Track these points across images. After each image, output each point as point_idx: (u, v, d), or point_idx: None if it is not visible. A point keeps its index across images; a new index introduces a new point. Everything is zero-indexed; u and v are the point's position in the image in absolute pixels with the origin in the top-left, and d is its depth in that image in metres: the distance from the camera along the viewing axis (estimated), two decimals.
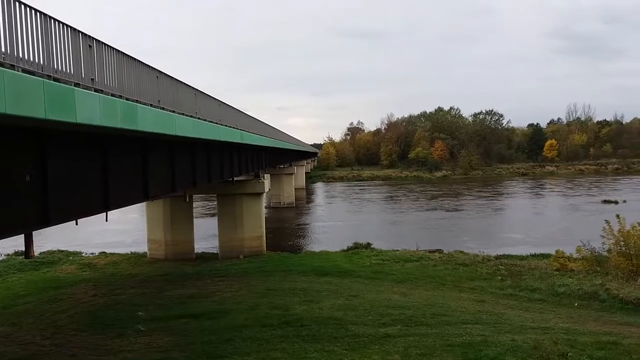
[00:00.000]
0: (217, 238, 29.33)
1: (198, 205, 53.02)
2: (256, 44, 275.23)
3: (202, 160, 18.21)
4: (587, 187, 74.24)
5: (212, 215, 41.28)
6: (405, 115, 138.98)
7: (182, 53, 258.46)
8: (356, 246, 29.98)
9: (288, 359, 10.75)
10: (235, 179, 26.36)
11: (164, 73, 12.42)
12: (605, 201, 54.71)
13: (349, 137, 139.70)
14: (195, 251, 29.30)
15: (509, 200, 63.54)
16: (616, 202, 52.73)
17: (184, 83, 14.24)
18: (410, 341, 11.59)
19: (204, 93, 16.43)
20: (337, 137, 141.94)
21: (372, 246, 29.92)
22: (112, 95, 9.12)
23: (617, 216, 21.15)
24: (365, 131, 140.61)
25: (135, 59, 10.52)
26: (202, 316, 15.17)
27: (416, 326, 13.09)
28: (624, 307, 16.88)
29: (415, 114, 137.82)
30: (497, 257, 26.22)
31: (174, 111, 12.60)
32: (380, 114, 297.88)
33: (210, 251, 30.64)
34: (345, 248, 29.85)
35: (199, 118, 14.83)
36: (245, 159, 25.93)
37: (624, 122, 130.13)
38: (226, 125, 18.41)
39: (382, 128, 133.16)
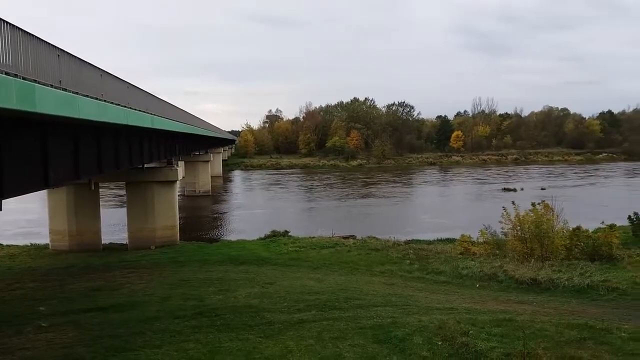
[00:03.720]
0: (127, 228, 28.08)
1: (106, 193, 50.45)
2: (167, 27, 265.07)
3: (109, 145, 17.29)
4: (489, 176, 79.57)
5: (122, 204, 39.39)
6: (323, 105, 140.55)
7: (85, 32, 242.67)
8: (274, 234, 30.05)
9: (201, 349, 10.56)
10: (145, 165, 25.35)
11: (67, 52, 11.61)
12: (505, 189, 59.07)
13: (267, 125, 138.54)
14: (103, 242, 27.84)
15: (421, 188, 66.56)
16: (515, 190, 57.04)
17: (89, 63, 13.41)
18: (324, 325, 11.82)
19: (111, 74, 15.56)
20: (256, 124, 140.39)
21: (289, 234, 30.14)
22: (7, 74, 8.39)
23: (513, 203, 22.85)
24: (284, 119, 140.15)
25: (33, 35, 9.73)
26: (110, 309, 14.46)
27: (330, 311, 13.37)
28: (519, 286, 18.36)
29: (333, 103, 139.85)
30: (407, 242, 27.41)
31: (77, 93, 11.83)
32: (298, 103, 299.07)
33: (119, 242, 29.27)
34: (262, 236, 29.79)
35: (105, 101, 14.05)
36: (156, 145, 24.97)
37: (522, 116, 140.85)
38: (135, 109, 17.60)
39: (301, 117, 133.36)
